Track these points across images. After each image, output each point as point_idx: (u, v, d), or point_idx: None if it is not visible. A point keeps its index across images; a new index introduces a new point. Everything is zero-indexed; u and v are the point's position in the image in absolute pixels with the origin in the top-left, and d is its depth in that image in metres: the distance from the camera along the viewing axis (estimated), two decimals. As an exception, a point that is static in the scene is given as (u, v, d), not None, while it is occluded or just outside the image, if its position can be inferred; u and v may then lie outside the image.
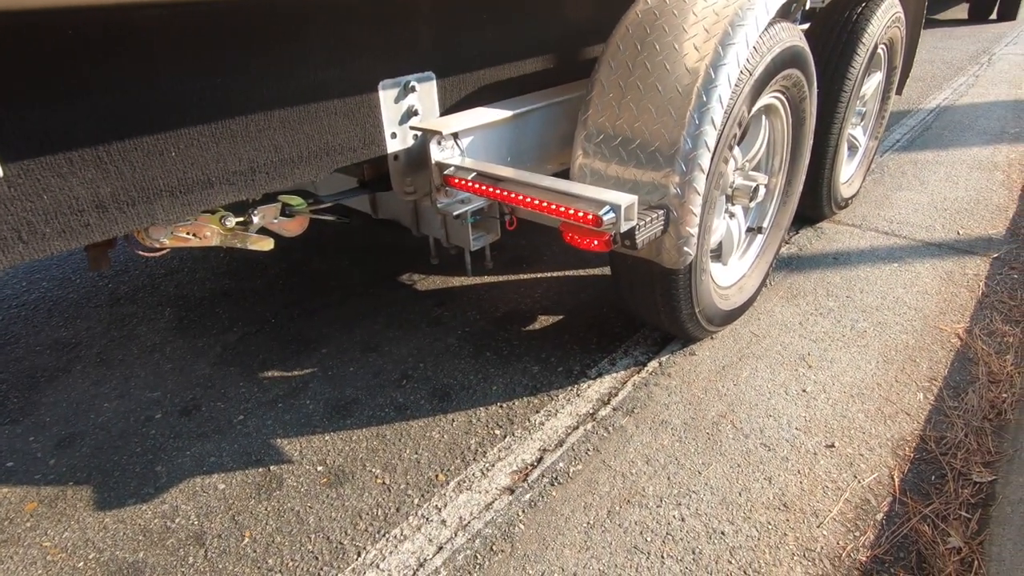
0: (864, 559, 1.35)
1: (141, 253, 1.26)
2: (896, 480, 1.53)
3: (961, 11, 8.54)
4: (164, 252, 1.30)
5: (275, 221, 1.46)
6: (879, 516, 1.45)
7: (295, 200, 1.49)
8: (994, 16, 7.89)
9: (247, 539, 1.46)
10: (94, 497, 1.59)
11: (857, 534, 1.41)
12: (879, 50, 2.61)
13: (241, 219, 1.37)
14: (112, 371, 2.06)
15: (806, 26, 2.50)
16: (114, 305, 2.43)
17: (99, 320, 2.33)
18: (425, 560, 1.39)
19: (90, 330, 2.28)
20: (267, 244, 1.43)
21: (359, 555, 1.41)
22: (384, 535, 1.45)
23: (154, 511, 1.54)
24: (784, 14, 1.84)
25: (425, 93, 1.48)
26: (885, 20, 2.36)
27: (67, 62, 0.94)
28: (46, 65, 0.92)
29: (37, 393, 1.97)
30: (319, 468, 1.65)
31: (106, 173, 1.03)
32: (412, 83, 1.44)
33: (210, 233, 1.32)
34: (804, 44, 1.79)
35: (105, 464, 1.69)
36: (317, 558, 1.41)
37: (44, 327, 2.31)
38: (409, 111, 1.46)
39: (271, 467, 1.65)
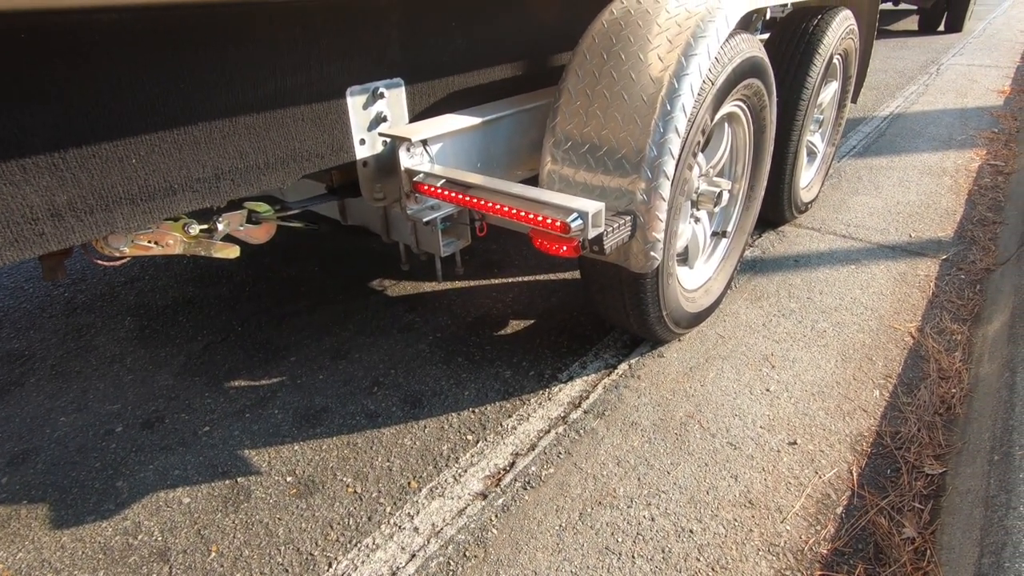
0: (825, 552, 1.40)
1: (99, 262, 1.23)
2: (854, 475, 1.59)
3: (911, 23, 8.94)
4: (124, 261, 1.27)
5: (241, 228, 1.44)
6: (839, 510, 1.50)
7: (262, 207, 1.47)
8: (942, 28, 8.28)
9: (214, 554, 1.43)
10: (50, 515, 1.53)
11: (819, 528, 1.46)
12: (835, 60, 2.71)
13: (205, 226, 1.34)
14: (69, 384, 1.98)
15: (765, 36, 2.58)
16: (70, 315, 2.34)
17: (54, 331, 2.25)
18: (398, 569, 1.38)
19: (44, 341, 2.19)
20: (233, 252, 1.41)
21: (330, 566, 1.39)
22: (356, 545, 1.44)
23: (115, 528, 1.49)
24: (744, 25, 1.89)
25: (394, 99, 1.48)
26: (840, 32, 2.46)
27: (20, 66, 0.91)
28: (-3, 70, 0.89)
29: (-13, 408, 1.89)
30: (288, 479, 1.62)
31: (62, 181, 1.00)
32: (381, 89, 1.43)
33: (173, 241, 1.29)
34: (763, 55, 1.85)
35: (62, 481, 1.63)
36: (287, 571, 1.38)
37: (-5, 339, 2.21)
38: (378, 117, 1.46)
39: (238, 479, 1.62)
